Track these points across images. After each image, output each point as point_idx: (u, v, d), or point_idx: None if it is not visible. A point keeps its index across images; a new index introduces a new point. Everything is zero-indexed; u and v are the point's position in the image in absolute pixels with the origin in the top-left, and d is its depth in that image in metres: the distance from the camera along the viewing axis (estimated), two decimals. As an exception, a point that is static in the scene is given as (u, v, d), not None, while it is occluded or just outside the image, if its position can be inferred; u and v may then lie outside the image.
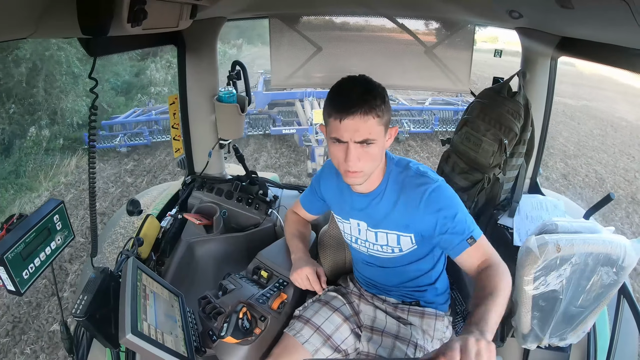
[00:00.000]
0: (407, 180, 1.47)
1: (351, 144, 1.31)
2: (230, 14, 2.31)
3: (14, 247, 1.15)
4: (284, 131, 9.45)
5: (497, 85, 2.10)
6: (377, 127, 1.32)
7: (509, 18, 1.81)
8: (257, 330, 1.53)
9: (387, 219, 1.51)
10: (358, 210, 1.58)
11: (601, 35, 1.53)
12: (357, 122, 1.28)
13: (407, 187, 1.46)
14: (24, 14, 0.93)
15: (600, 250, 1.49)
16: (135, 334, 1.13)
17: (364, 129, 1.29)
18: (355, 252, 1.73)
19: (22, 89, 9.22)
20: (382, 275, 1.70)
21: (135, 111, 10.04)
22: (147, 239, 1.96)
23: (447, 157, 2.26)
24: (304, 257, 1.72)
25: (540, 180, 2.45)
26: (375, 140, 1.32)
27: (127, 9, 1.09)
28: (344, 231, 1.70)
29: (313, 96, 9.93)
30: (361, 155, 1.33)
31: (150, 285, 1.39)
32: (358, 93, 1.29)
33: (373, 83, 1.35)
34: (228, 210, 2.44)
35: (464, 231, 1.40)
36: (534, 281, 1.53)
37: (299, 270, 1.65)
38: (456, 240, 1.41)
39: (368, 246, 1.62)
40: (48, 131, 8.96)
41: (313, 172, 7.55)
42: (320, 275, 1.68)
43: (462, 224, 1.41)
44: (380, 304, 1.74)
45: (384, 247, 1.57)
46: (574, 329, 1.62)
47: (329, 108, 1.34)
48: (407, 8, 2.28)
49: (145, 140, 9.17)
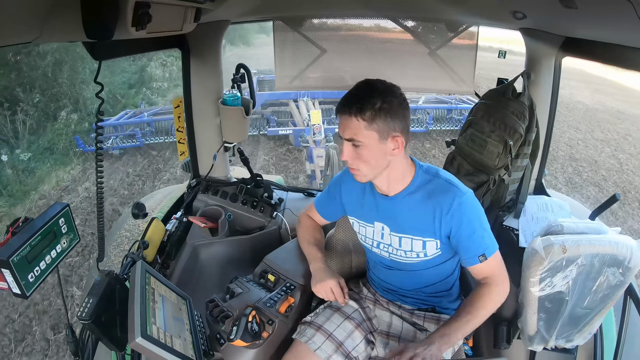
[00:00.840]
0: (437, 187, 1.49)
1: (344, 140, 1.41)
2: (234, 17, 2.31)
3: (19, 250, 1.15)
4: (280, 132, 9.44)
5: (501, 86, 2.10)
6: (364, 130, 1.36)
7: (513, 19, 1.81)
8: (265, 334, 1.53)
9: (413, 224, 1.52)
10: (382, 213, 1.58)
11: (605, 35, 1.53)
12: (346, 120, 1.38)
13: (436, 195, 1.47)
14: (29, 19, 0.93)
15: (606, 251, 1.49)
16: (145, 338, 1.14)
17: (349, 129, 1.38)
18: (375, 256, 1.72)
19: (48, 80, 10.00)
20: (401, 280, 1.69)
21: (127, 113, 9.95)
22: (153, 242, 1.96)
23: (452, 159, 2.25)
24: (324, 267, 1.71)
25: (545, 181, 2.44)
26: (361, 143, 1.38)
27: (131, 13, 1.10)
28: (364, 235, 1.69)
29: (307, 96, 9.92)
30: (353, 155, 1.42)
31: (159, 289, 1.40)
32: (359, 94, 1.36)
33: (377, 89, 1.38)
34: (233, 213, 2.44)
35: (479, 246, 1.46)
36: (540, 282, 1.53)
37: (322, 283, 1.63)
38: (469, 254, 1.47)
39: (390, 251, 1.62)
40: (76, 115, 9.88)
41: (312, 173, 7.50)
42: (343, 287, 1.67)
43: (479, 238, 1.46)
44: (396, 309, 1.74)
45: (408, 253, 1.57)
46: (580, 330, 1.61)
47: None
48: (410, 10, 2.29)
49: (138, 143, 9.11)
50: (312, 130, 7.75)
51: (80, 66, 10.42)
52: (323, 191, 1.84)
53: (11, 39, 0.97)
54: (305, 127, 8.57)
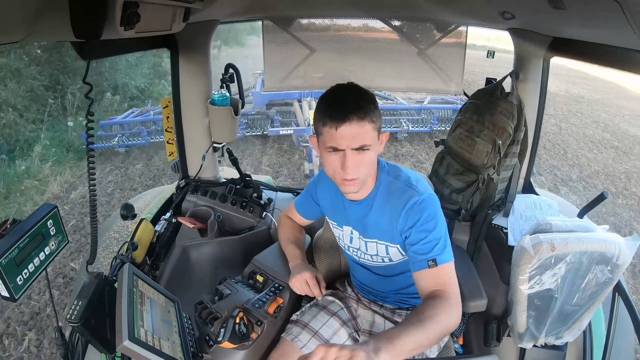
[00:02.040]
0: (395, 189, 1.44)
1: (348, 151, 1.29)
2: (223, 17, 2.30)
3: (7, 253, 1.13)
4: (281, 132, 9.41)
5: (490, 86, 2.12)
6: (372, 132, 1.30)
7: (501, 19, 1.82)
8: (254, 335, 1.52)
9: (376, 229, 1.49)
10: (351, 217, 1.56)
11: (593, 36, 1.54)
12: (354, 128, 1.26)
13: (393, 197, 1.43)
14: (16, 18, 0.92)
15: (595, 249, 1.50)
16: (133, 341, 1.13)
17: (360, 135, 1.27)
18: (351, 258, 1.72)
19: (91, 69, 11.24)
20: (377, 283, 1.69)
21: (134, 111, 9.98)
22: (142, 243, 1.94)
23: (441, 159, 2.26)
24: (302, 263, 1.70)
25: (533, 180, 2.46)
26: (370, 146, 1.30)
27: (120, 13, 1.09)
28: (338, 237, 1.69)
29: (311, 96, 9.90)
30: (357, 162, 1.31)
31: (147, 292, 1.38)
32: (352, 99, 1.27)
33: (363, 89, 1.33)
34: (222, 214, 2.43)
35: (429, 251, 1.34)
36: (529, 280, 1.54)
37: (297, 276, 1.61)
38: (418, 257, 1.36)
39: (359, 255, 1.62)
40: (118, 97, 11.55)
41: (310, 173, 7.49)
42: (320, 281, 1.65)
43: (430, 243, 1.35)
44: (378, 308, 1.74)
45: (374, 257, 1.57)
46: (570, 327, 1.63)
47: (322, 117, 1.30)
48: (399, 10, 2.29)
49: (143, 141, 9.07)
50: (311, 130, 7.74)
51: (118, 58, 12.06)
52: (302, 191, 1.83)
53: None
54: (306, 127, 8.56)
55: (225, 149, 2.62)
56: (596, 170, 7.77)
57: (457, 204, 2.16)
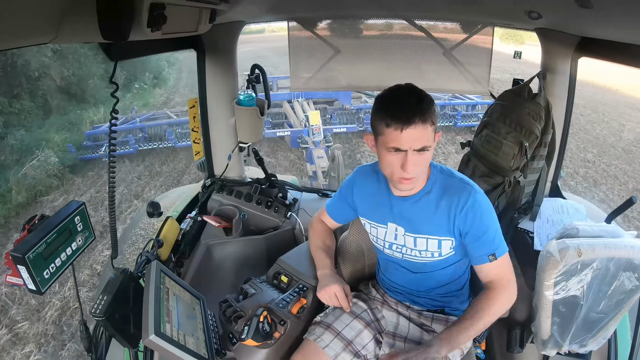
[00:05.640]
0: (452, 186, 1.49)
1: (410, 152, 1.34)
2: (248, 18, 2.33)
3: (35, 247, 1.18)
4: (278, 134, 9.44)
5: (517, 87, 2.08)
6: (432, 133, 1.36)
7: (528, 19, 1.79)
8: (277, 334, 1.55)
9: (429, 223, 1.52)
10: (397, 214, 1.58)
11: (621, 35, 1.51)
12: (418, 130, 1.31)
13: (451, 192, 1.48)
14: (45, 20, 0.95)
15: (622, 255, 1.47)
16: (159, 335, 1.16)
17: (423, 137, 1.33)
18: (387, 257, 1.72)
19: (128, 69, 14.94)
20: (413, 281, 1.69)
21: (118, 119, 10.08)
22: (167, 241, 1.98)
23: (467, 161, 2.23)
24: (330, 273, 1.72)
25: (560, 183, 2.41)
26: (430, 147, 1.36)
27: (146, 14, 1.12)
28: (376, 237, 1.68)
29: (302, 97, 9.91)
30: (417, 161, 1.36)
31: (173, 288, 1.42)
32: (415, 102, 1.32)
33: (423, 91, 1.38)
34: (247, 213, 2.46)
35: (490, 245, 1.46)
36: (555, 286, 1.52)
37: (327, 288, 1.64)
38: (480, 252, 1.48)
39: (404, 251, 1.62)
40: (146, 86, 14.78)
41: (313, 174, 7.47)
42: (348, 294, 1.68)
43: (491, 238, 1.46)
44: (404, 310, 1.74)
45: (423, 252, 1.58)
46: (594, 335, 1.59)
47: (386, 119, 1.34)
48: (425, 10, 2.27)
49: (132, 149, 9.20)
50: (310, 131, 7.71)
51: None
52: (335, 194, 1.84)
53: (28, 40, 0.99)
54: (303, 128, 8.55)
55: (251, 148, 2.64)
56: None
57: (482, 206, 2.13)
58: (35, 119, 11.03)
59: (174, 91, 16.74)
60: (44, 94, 11.74)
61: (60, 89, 12.44)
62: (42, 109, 11.59)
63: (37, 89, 11.56)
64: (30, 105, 11.07)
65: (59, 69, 12.22)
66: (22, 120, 10.57)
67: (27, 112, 10.87)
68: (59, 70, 12.23)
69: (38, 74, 11.52)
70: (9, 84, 10.59)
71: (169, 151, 9.86)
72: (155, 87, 16.36)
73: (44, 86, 11.76)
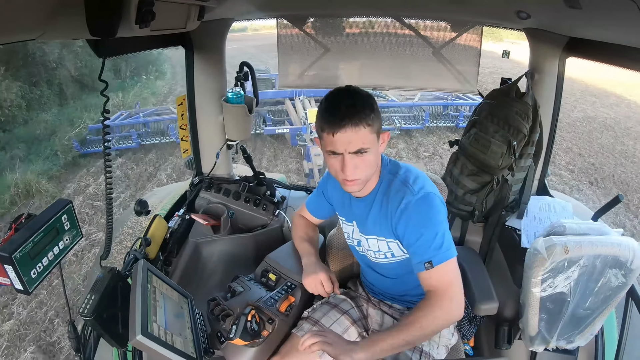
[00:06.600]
0: (393, 187, 1.47)
1: (346, 155, 1.33)
2: (237, 15, 2.31)
3: (22, 247, 1.16)
4: (277, 131, 9.43)
5: (505, 86, 2.09)
6: (370, 135, 1.33)
7: (517, 19, 1.80)
8: (265, 333, 1.54)
9: (375, 225, 1.52)
10: (355, 213, 1.59)
11: (609, 36, 1.53)
12: (349, 134, 1.30)
13: (390, 195, 1.46)
14: (32, 16, 0.94)
15: (609, 252, 1.49)
16: (146, 335, 1.15)
17: (356, 140, 1.31)
18: (360, 257, 1.73)
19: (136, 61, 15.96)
20: (385, 284, 1.70)
21: (122, 114, 9.98)
22: (155, 239, 1.96)
23: (455, 159, 2.24)
24: (315, 261, 1.72)
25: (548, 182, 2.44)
26: (368, 149, 1.34)
27: (135, 10, 1.10)
28: (347, 233, 1.69)
29: (304, 95, 9.91)
30: (357, 164, 1.35)
31: (160, 287, 1.40)
32: (346, 105, 1.31)
33: (360, 93, 1.37)
34: (235, 211, 2.44)
35: (424, 252, 1.36)
36: (542, 283, 1.53)
37: (313, 276, 1.64)
38: (415, 259, 1.39)
39: (363, 250, 1.64)
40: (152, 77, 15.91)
41: (310, 172, 7.47)
42: (334, 282, 1.68)
43: (426, 244, 1.37)
44: (387, 309, 1.74)
45: (377, 253, 1.57)
46: (582, 331, 1.62)
47: (321, 123, 1.35)
48: (415, 9, 2.27)
49: (134, 144, 9.16)
50: (309, 129, 7.71)
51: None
52: (314, 190, 1.85)
53: (14, 36, 0.97)
54: (302, 125, 8.54)
55: (239, 146, 2.63)
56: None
57: (471, 205, 2.14)
58: (53, 105, 11.75)
59: (174, 82, 16.87)
60: (59, 82, 12.36)
61: (74, 79, 12.94)
62: (58, 96, 12.21)
63: (54, 78, 12.21)
64: (48, 92, 11.78)
65: (74, 61, 12.67)
66: (42, 105, 11.32)
67: (46, 98, 11.59)
68: (74, 62, 12.69)
69: (55, 65, 12.18)
70: (29, 72, 11.21)
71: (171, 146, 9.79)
72: (157, 80, 16.67)
73: (60, 75, 12.38)
